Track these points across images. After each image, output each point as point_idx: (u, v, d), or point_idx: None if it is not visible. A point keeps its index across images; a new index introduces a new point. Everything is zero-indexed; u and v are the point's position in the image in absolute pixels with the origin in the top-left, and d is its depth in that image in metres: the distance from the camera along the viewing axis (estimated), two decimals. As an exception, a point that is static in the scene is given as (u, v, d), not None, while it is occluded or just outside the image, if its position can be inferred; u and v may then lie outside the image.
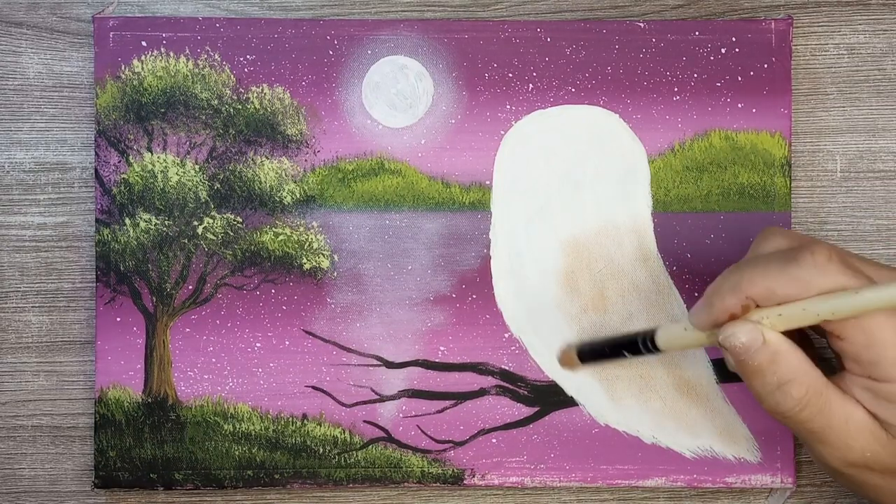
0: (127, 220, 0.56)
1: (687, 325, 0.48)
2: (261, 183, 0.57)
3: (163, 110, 0.56)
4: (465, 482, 0.56)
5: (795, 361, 0.46)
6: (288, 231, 0.57)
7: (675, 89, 0.57)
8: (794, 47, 0.58)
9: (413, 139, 0.57)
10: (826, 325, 0.46)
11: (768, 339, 0.46)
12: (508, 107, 0.57)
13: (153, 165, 0.56)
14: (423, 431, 0.56)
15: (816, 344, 0.51)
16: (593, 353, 0.54)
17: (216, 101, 0.56)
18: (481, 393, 0.57)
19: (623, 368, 0.56)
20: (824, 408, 0.46)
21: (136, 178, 0.56)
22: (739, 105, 0.57)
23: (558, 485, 0.57)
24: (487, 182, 0.57)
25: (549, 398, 0.56)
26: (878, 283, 0.44)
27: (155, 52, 0.56)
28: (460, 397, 0.57)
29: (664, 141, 0.57)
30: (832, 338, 0.47)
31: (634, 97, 0.57)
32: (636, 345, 0.51)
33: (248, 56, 0.56)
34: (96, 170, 0.56)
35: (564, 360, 0.55)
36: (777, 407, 0.47)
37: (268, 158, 0.57)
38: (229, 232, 0.56)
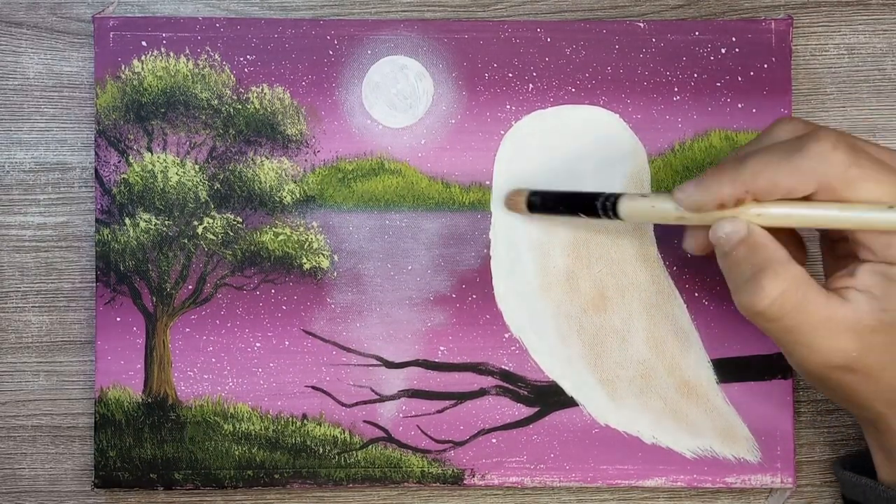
0: (127, 220, 0.56)
1: (655, 202, 0.48)
2: (261, 183, 0.57)
3: (163, 110, 0.56)
4: (464, 482, 0.56)
5: (775, 254, 0.45)
6: (288, 231, 0.57)
7: (675, 89, 0.57)
8: (794, 47, 0.58)
9: (413, 139, 0.57)
10: None
11: (751, 230, 0.45)
12: (508, 107, 0.57)
13: (153, 165, 0.56)
14: (423, 431, 0.56)
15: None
16: (545, 204, 0.53)
17: (216, 101, 0.56)
18: (481, 393, 0.57)
19: (623, 369, 0.56)
20: (802, 303, 0.45)
21: (136, 178, 0.56)
22: (739, 105, 0.57)
23: (558, 485, 0.57)
24: (487, 182, 0.57)
25: (549, 398, 0.56)
26: (868, 203, 0.44)
27: (155, 52, 0.56)
28: (460, 397, 0.57)
29: (664, 141, 0.57)
30: (847, 239, 0.46)
31: (634, 97, 0.57)
32: (594, 206, 0.51)
33: (248, 56, 0.56)
34: (96, 170, 0.56)
35: (511, 204, 0.55)
36: (752, 301, 0.45)
37: (268, 158, 0.57)
38: (229, 232, 0.56)
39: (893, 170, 0.45)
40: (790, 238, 0.49)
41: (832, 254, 0.49)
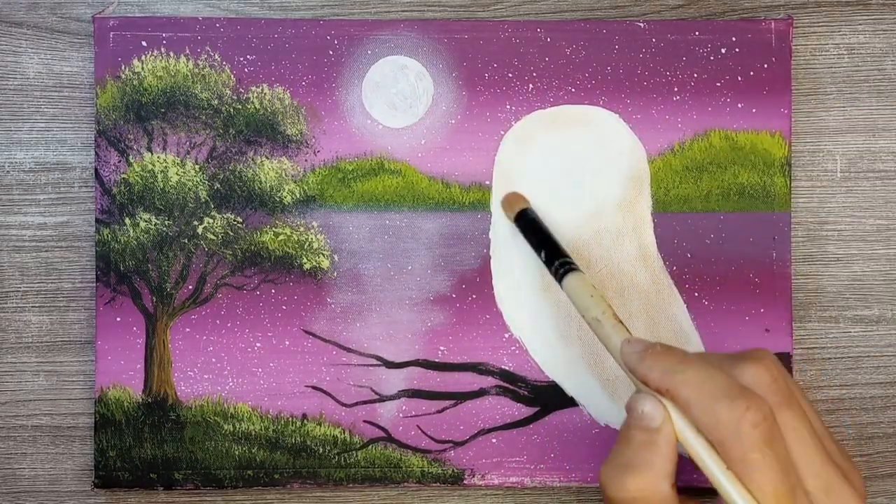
0: (127, 220, 0.56)
1: (599, 313, 0.47)
2: (261, 183, 0.57)
3: (163, 110, 0.56)
4: (465, 482, 0.56)
5: (662, 464, 0.44)
6: (288, 231, 0.57)
7: (675, 89, 0.57)
8: (794, 47, 0.58)
9: (413, 139, 0.57)
10: None
11: (664, 428, 0.44)
12: (508, 107, 0.57)
13: (153, 165, 0.56)
14: (422, 431, 0.56)
15: None
16: (526, 228, 0.54)
17: (216, 101, 0.56)
18: (481, 393, 0.57)
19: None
20: None
21: (136, 178, 0.56)
22: (739, 105, 0.57)
23: (558, 485, 0.57)
24: (487, 182, 0.57)
25: (549, 398, 0.56)
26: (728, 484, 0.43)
27: (155, 52, 0.56)
28: (460, 397, 0.57)
29: (664, 141, 0.57)
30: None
31: (634, 97, 0.57)
32: (552, 264, 0.51)
33: (248, 56, 0.56)
34: (96, 170, 0.56)
35: (506, 207, 0.55)
36: (608, 481, 0.44)
37: (268, 158, 0.57)
38: (229, 232, 0.57)
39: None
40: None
41: None
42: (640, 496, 0.43)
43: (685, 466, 0.57)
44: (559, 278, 0.50)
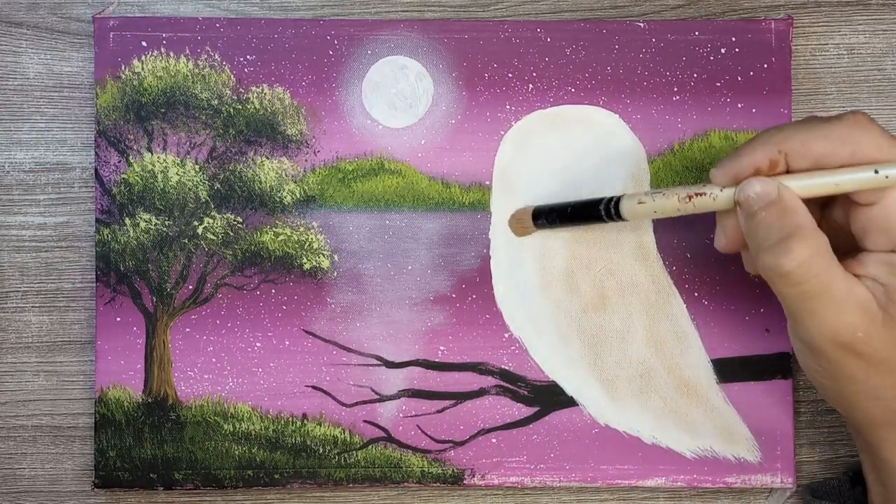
0: (127, 220, 0.56)
1: (655, 197, 0.49)
2: (261, 183, 0.57)
3: (163, 110, 0.56)
4: (465, 482, 0.56)
5: (805, 220, 0.45)
6: (288, 231, 0.57)
7: (675, 89, 0.57)
8: (794, 47, 0.58)
9: (413, 139, 0.57)
10: (855, 196, 0.45)
11: (782, 193, 0.45)
12: (508, 107, 0.57)
13: (153, 165, 0.56)
14: (423, 431, 0.56)
15: None
16: (550, 216, 0.54)
17: (216, 101, 0.56)
18: (481, 393, 0.57)
19: (623, 369, 0.56)
20: (825, 272, 0.44)
21: (136, 178, 0.56)
22: (739, 105, 0.57)
23: (558, 485, 0.57)
24: (487, 182, 0.57)
25: (549, 398, 0.56)
26: None
27: (155, 52, 0.56)
28: (460, 397, 0.57)
29: (664, 141, 0.57)
30: (857, 209, 0.46)
31: (634, 97, 0.57)
32: (597, 211, 0.51)
33: (248, 56, 0.56)
34: (96, 170, 0.56)
35: (518, 225, 0.55)
36: (780, 262, 0.44)
37: (268, 158, 0.57)
38: (229, 232, 0.57)
39: None
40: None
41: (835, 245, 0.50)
42: (812, 252, 0.44)
43: (684, 467, 0.57)
44: (617, 216, 0.51)
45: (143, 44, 0.56)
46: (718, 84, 0.57)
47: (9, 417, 0.57)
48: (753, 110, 0.57)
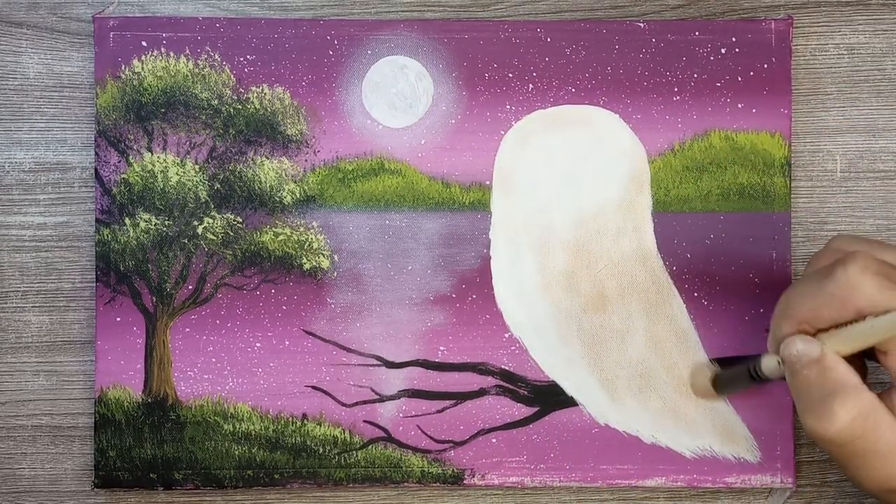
0: (127, 220, 0.56)
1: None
2: (261, 183, 0.57)
3: (163, 110, 0.56)
4: (464, 482, 0.56)
5: (847, 378, 0.45)
6: (288, 231, 0.57)
7: (675, 89, 0.57)
8: (794, 47, 0.58)
9: (413, 139, 0.57)
10: (879, 346, 0.45)
11: (824, 352, 0.46)
12: (508, 107, 0.57)
13: (153, 165, 0.56)
14: (423, 431, 0.56)
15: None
16: (731, 381, 0.54)
17: (216, 101, 0.56)
18: (481, 393, 0.57)
19: (623, 369, 0.56)
20: (871, 431, 0.45)
21: (136, 178, 0.56)
22: (739, 105, 0.57)
23: (558, 485, 0.57)
24: (487, 182, 0.57)
25: (549, 398, 0.56)
26: None
27: (155, 52, 0.56)
28: (460, 397, 0.57)
29: (664, 141, 0.57)
30: (880, 355, 0.46)
31: (634, 97, 0.57)
32: (751, 373, 0.51)
33: (248, 56, 0.56)
34: (96, 170, 0.56)
35: (699, 390, 0.55)
36: (822, 426, 0.45)
37: (268, 158, 0.57)
38: (229, 232, 0.56)
39: None
40: (856, 363, 0.49)
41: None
42: (856, 414, 0.44)
43: (684, 467, 0.57)
44: (762, 377, 0.50)
45: (143, 44, 0.56)
46: (718, 84, 0.57)
47: (9, 417, 0.57)
48: (753, 110, 0.57)
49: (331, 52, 0.57)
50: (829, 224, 0.58)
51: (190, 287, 0.56)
